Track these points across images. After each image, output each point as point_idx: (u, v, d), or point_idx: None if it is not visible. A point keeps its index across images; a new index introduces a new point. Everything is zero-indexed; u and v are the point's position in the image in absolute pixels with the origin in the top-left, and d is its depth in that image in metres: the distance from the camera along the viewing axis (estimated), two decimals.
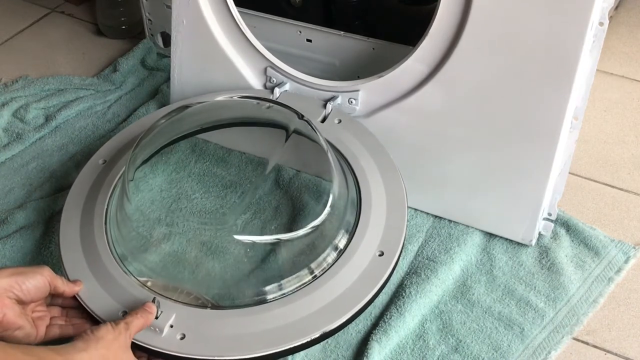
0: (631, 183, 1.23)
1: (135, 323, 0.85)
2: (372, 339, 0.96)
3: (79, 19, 1.67)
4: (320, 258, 0.94)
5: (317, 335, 0.88)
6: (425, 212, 1.14)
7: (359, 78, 1.14)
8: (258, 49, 1.17)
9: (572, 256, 1.09)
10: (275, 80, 1.17)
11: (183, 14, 1.19)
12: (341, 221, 0.97)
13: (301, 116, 1.03)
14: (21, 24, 1.65)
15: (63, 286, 0.90)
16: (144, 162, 1.05)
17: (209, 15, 1.17)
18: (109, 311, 0.90)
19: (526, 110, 1.01)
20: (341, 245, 0.96)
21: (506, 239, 1.10)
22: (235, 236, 1.01)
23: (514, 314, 1.01)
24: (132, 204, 0.99)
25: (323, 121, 1.11)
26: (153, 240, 1.02)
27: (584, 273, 1.07)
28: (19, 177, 1.25)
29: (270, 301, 0.91)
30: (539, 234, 1.11)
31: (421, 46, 1.04)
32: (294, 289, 0.92)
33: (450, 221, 1.13)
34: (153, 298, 0.89)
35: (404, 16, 1.30)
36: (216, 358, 0.86)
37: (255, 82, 1.18)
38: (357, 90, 1.12)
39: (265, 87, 1.18)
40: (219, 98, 1.13)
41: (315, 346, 0.96)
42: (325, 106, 1.12)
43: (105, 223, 1.00)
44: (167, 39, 1.47)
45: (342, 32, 1.23)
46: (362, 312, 0.92)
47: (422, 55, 1.05)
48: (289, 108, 1.05)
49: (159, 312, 0.88)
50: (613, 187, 1.22)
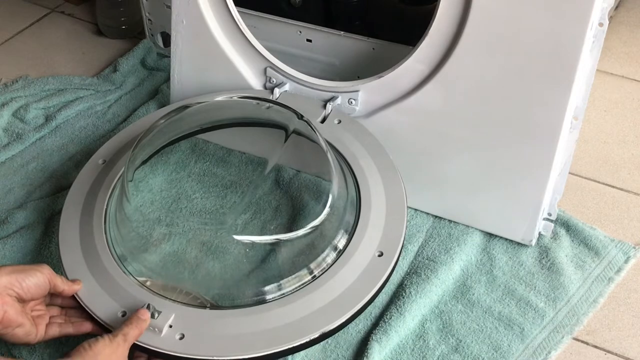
0: (631, 183, 1.23)
1: (131, 334, 0.85)
2: (372, 339, 0.96)
3: (79, 19, 1.67)
4: (319, 258, 0.94)
5: (317, 335, 0.88)
6: (425, 212, 1.14)
7: (359, 78, 1.14)
8: (258, 49, 1.16)
9: (572, 256, 1.09)
10: (275, 80, 1.17)
11: (183, 14, 1.18)
12: (341, 221, 0.97)
13: (300, 116, 1.03)
14: (21, 24, 1.65)
15: (62, 285, 0.90)
16: (143, 163, 1.05)
17: (209, 15, 1.17)
18: (108, 311, 0.90)
19: (526, 110, 1.01)
20: (341, 245, 0.96)
21: (506, 239, 1.10)
22: (234, 236, 1.01)
23: (514, 314, 1.01)
24: (132, 204, 0.99)
25: (323, 121, 1.11)
26: (152, 240, 1.02)
27: (584, 273, 1.07)
28: (19, 177, 1.25)
29: (269, 301, 0.91)
30: (539, 234, 1.11)
31: (421, 46, 1.04)
32: (294, 289, 0.92)
33: (450, 221, 1.13)
34: (147, 304, 0.89)
35: (404, 16, 1.30)
36: (215, 358, 0.86)
37: (255, 82, 1.18)
38: (357, 90, 1.11)
39: (265, 88, 1.18)
40: (219, 98, 1.13)
41: (315, 346, 0.96)
42: (325, 106, 1.12)
43: (104, 223, 1.00)
44: (167, 39, 1.47)
45: (342, 32, 1.23)
46: (362, 313, 0.92)
47: (422, 55, 1.04)
48: (289, 108, 1.05)
49: (157, 315, 0.88)
50: (613, 187, 1.22)
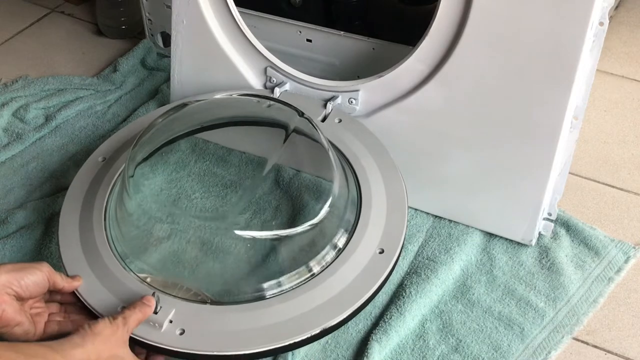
0: (631, 183, 1.23)
1: (133, 317, 0.84)
2: (372, 339, 0.96)
3: (79, 19, 1.67)
4: (320, 255, 0.94)
5: (318, 331, 0.88)
6: (425, 212, 1.14)
7: (359, 78, 1.14)
8: (258, 49, 1.16)
9: (572, 256, 1.09)
10: (275, 80, 1.17)
11: (183, 14, 1.18)
12: (342, 219, 0.97)
13: (302, 113, 1.03)
14: (21, 24, 1.65)
15: (62, 282, 0.90)
16: (145, 160, 1.05)
17: (209, 15, 1.17)
18: (108, 306, 0.89)
19: (526, 110, 1.01)
20: (341, 243, 0.95)
21: (506, 239, 1.10)
22: (235, 231, 1.00)
23: (514, 314, 1.01)
24: (132, 200, 0.99)
25: (323, 120, 1.11)
26: (152, 236, 1.01)
27: (584, 273, 1.07)
28: (19, 177, 1.25)
29: (270, 297, 0.91)
30: (539, 234, 1.11)
31: (421, 46, 1.04)
32: (294, 286, 0.91)
33: (450, 221, 1.13)
34: (153, 292, 0.89)
35: (404, 16, 1.30)
36: (216, 353, 0.85)
37: (255, 82, 1.18)
38: (357, 90, 1.11)
39: (265, 87, 1.18)
40: (218, 96, 1.12)
41: (315, 346, 0.96)
42: (325, 106, 1.12)
43: (104, 220, 1.00)
44: (167, 39, 1.47)
45: (342, 32, 1.23)
46: (363, 309, 0.91)
47: (422, 55, 1.04)
48: (290, 106, 1.05)
49: (159, 308, 0.88)
50: (613, 187, 1.22)
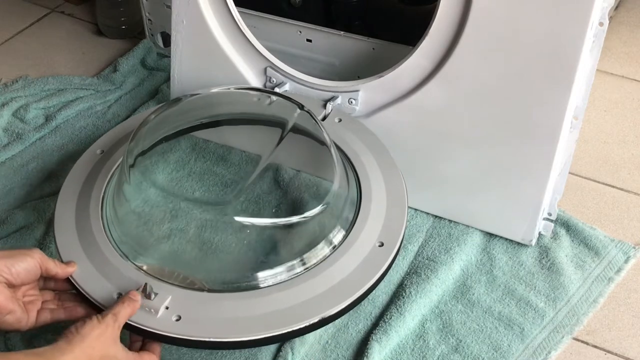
0: (631, 183, 1.23)
1: (123, 313, 0.82)
2: (372, 339, 0.96)
3: (79, 19, 1.67)
4: (319, 246, 0.93)
5: (316, 320, 0.86)
6: (425, 212, 1.14)
7: (359, 78, 1.14)
8: (258, 49, 1.16)
9: (572, 256, 1.09)
10: (275, 80, 1.17)
11: (183, 14, 1.18)
12: (341, 212, 0.97)
13: (302, 106, 1.03)
14: (21, 24, 1.65)
15: (55, 268, 0.88)
16: (147, 150, 1.03)
17: (209, 15, 1.17)
18: (104, 293, 0.88)
19: (526, 110, 1.01)
20: (341, 235, 0.95)
21: (506, 239, 1.10)
22: (235, 217, 0.97)
23: (514, 314, 1.01)
24: (131, 188, 0.97)
25: (323, 120, 1.11)
26: (150, 224, 0.99)
27: (584, 273, 1.07)
28: (19, 177, 1.25)
29: (268, 286, 0.90)
30: (539, 234, 1.11)
31: (421, 46, 1.04)
32: (294, 275, 0.91)
33: (450, 221, 1.13)
34: (145, 284, 0.86)
35: (404, 16, 1.30)
36: (212, 339, 0.84)
37: (255, 82, 1.18)
38: (357, 90, 1.11)
39: (265, 87, 1.18)
40: (216, 90, 1.11)
41: (315, 346, 0.96)
42: (325, 106, 1.12)
43: (101, 208, 0.99)
44: (167, 39, 1.47)
45: (342, 32, 1.23)
46: (362, 300, 0.90)
47: (422, 55, 1.04)
48: (291, 100, 1.04)
49: (154, 296, 0.86)
50: (613, 187, 1.22)
